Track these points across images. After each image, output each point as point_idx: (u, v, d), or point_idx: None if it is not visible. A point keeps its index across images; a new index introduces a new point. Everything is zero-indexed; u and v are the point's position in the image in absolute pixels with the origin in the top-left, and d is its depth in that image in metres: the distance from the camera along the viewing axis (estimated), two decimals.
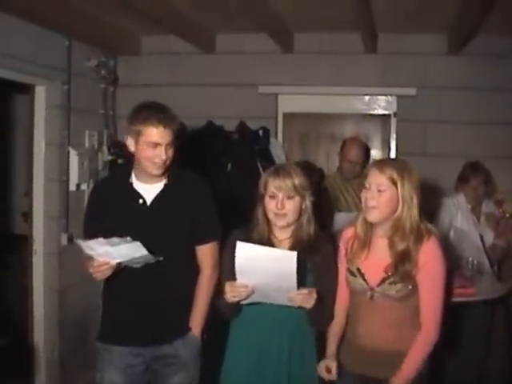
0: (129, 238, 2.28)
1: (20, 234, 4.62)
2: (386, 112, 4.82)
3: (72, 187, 4.18)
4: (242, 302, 2.35)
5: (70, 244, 4.05)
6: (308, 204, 2.44)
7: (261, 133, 4.57)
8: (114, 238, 2.27)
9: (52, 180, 4.07)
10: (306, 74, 4.75)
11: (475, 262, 3.82)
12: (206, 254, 2.60)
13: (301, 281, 2.24)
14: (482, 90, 4.55)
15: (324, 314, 2.43)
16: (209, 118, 4.52)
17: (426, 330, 2.29)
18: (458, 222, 4.09)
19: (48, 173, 4.05)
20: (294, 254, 2.17)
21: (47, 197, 4.06)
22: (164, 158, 2.42)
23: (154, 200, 2.51)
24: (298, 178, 2.41)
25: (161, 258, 2.37)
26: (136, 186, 2.53)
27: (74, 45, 4.15)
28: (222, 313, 2.47)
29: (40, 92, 4.01)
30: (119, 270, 2.38)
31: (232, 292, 2.28)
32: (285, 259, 2.19)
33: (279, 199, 2.39)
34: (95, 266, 2.33)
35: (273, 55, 4.76)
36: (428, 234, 2.33)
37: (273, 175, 2.42)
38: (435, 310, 2.30)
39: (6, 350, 4.17)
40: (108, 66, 4.57)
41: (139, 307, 2.50)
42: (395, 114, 4.78)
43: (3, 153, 5.21)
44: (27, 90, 4.02)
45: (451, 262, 3.82)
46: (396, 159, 3.28)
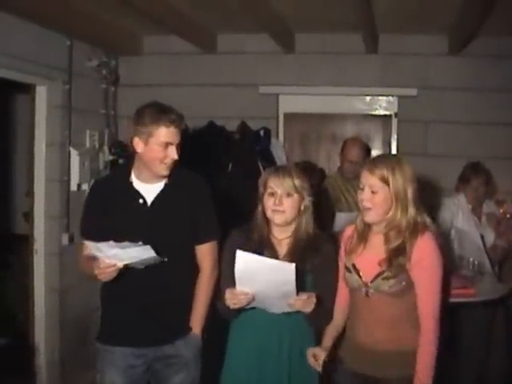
0: (140, 242, 2.28)
1: (21, 233, 4.61)
2: (386, 112, 4.82)
3: (73, 187, 4.19)
4: (243, 308, 2.35)
5: (71, 244, 4.07)
6: (307, 204, 2.45)
7: (262, 133, 4.57)
8: (126, 242, 2.25)
9: (53, 180, 4.07)
10: (307, 75, 4.75)
11: (476, 262, 3.83)
12: (205, 254, 2.60)
13: (300, 283, 2.25)
14: (483, 91, 4.55)
15: (323, 315, 2.44)
16: (210, 118, 4.52)
17: (426, 331, 2.27)
18: (458, 222, 4.09)
19: (49, 173, 4.05)
20: (293, 266, 2.17)
21: (48, 197, 4.06)
22: (176, 157, 2.44)
23: (155, 200, 2.51)
24: (297, 178, 2.43)
25: (165, 259, 2.37)
26: (136, 186, 2.52)
27: (75, 45, 4.15)
28: (222, 314, 2.48)
29: (41, 92, 4.01)
30: (123, 270, 2.36)
31: (233, 299, 2.29)
32: (284, 271, 2.19)
33: (278, 196, 2.40)
34: (101, 268, 2.30)
35: (274, 55, 4.76)
36: (423, 229, 2.31)
37: (273, 173, 2.45)
38: (433, 307, 2.29)
39: (7, 349, 4.18)
40: (109, 65, 4.57)
41: (140, 307, 2.50)
42: (396, 114, 4.78)
43: (4, 153, 5.21)
44: (28, 89, 4.03)
45: (452, 262, 3.86)
46: (388, 156, 3.24)
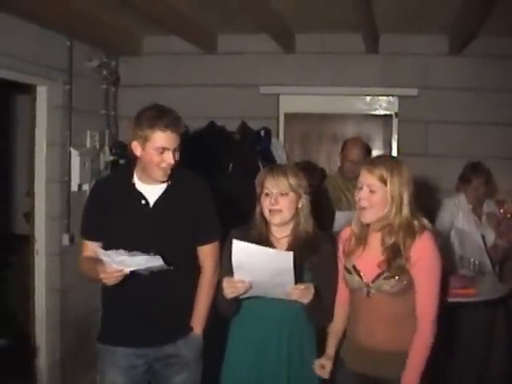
0: (152, 253, 2.26)
1: (22, 234, 4.62)
2: (387, 112, 4.82)
3: (74, 187, 4.19)
4: (241, 297, 2.35)
5: (72, 244, 4.07)
6: (304, 203, 2.46)
7: (262, 133, 4.58)
8: (135, 252, 2.24)
9: (53, 180, 4.07)
10: (308, 75, 4.75)
11: (477, 262, 3.83)
12: (207, 254, 2.60)
13: (298, 278, 2.25)
14: (484, 91, 4.55)
15: (322, 310, 2.44)
16: (210, 119, 4.53)
17: (422, 331, 2.28)
18: (459, 222, 4.09)
19: (49, 173, 4.05)
20: (291, 254, 2.17)
21: (49, 197, 4.06)
22: (172, 162, 2.41)
23: (157, 201, 2.50)
24: (292, 176, 2.43)
25: (171, 268, 2.34)
26: (139, 187, 2.51)
27: (76, 45, 4.16)
28: (221, 311, 2.48)
29: (41, 92, 4.02)
30: (127, 275, 2.34)
31: (230, 287, 2.30)
32: (281, 259, 2.19)
33: (273, 196, 2.42)
34: (108, 273, 2.29)
35: (274, 56, 4.76)
36: (421, 230, 2.32)
37: (268, 174, 2.46)
38: (431, 308, 2.29)
39: (8, 350, 4.17)
40: (109, 66, 4.57)
41: (141, 307, 2.49)
42: (396, 114, 4.78)
43: (5, 153, 5.21)
44: (29, 90, 4.03)
45: (452, 262, 3.86)
46: (387, 157, 3.25)
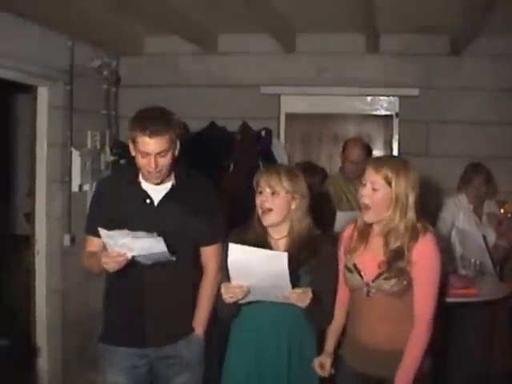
0: (155, 233, 2.26)
1: (22, 234, 4.62)
2: (388, 112, 4.82)
3: (74, 188, 4.18)
4: (240, 302, 2.35)
5: (73, 245, 4.07)
6: (298, 204, 2.44)
7: (263, 133, 4.58)
8: (140, 232, 2.25)
9: (54, 181, 4.07)
10: (309, 75, 4.75)
11: (478, 262, 3.82)
12: (210, 255, 2.60)
13: (295, 281, 2.24)
14: (485, 91, 4.55)
15: (321, 313, 2.43)
16: (211, 119, 4.53)
17: (418, 330, 2.28)
18: (460, 222, 4.08)
19: (50, 173, 4.05)
20: (285, 255, 2.16)
21: (49, 197, 4.06)
22: (152, 168, 2.38)
23: (161, 200, 2.50)
24: (286, 177, 2.42)
25: (174, 258, 2.34)
26: (144, 186, 2.51)
27: (77, 45, 4.15)
28: (221, 314, 2.48)
29: (42, 93, 4.02)
30: (129, 263, 2.33)
31: (228, 293, 2.29)
32: (276, 260, 2.18)
33: (264, 195, 2.42)
34: (111, 256, 2.28)
35: (275, 56, 4.77)
36: (424, 232, 2.31)
37: (262, 173, 2.46)
38: (428, 308, 2.29)
39: (9, 350, 4.17)
40: (110, 66, 4.56)
41: (143, 307, 2.49)
42: (397, 114, 4.78)
43: (5, 153, 5.21)
44: (30, 90, 4.03)
45: (453, 262, 3.86)
46: (395, 157, 3.24)
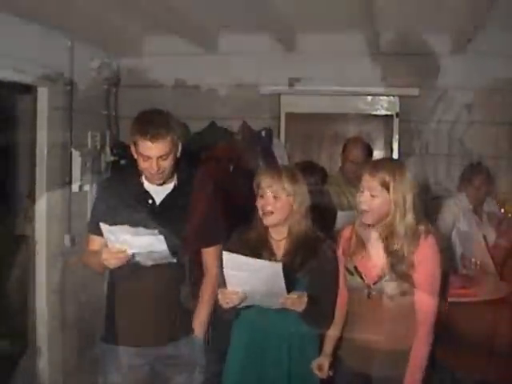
0: (156, 231, 2.26)
1: (22, 235, 4.61)
2: (388, 112, 4.81)
3: (75, 188, 4.19)
4: (237, 307, 2.36)
5: (73, 245, 4.06)
6: (299, 205, 2.44)
7: (263, 133, 4.58)
8: (141, 229, 2.25)
9: (54, 181, 4.07)
10: (309, 74, 4.74)
11: (478, 262, 3.82)
12: (211, 257, 2.61)
13: (293, 284, 2.25)
14: (485, 90, 4.54)
15: (320, 316, 2.44)
16: (211, 119, 4.52)
17: (422, 334, 2.29)
18: (460, 222, 4.08)
19: (50, 174, 4.05)
20: (280, 265, 2.17)
21: (50, 198, 4.05)
22: (154, 170, 2.40)
23: (164, 201, 2.51)
24: (287, 179, 2.42)
25: (174, 260, 2.36)
26: (146, 186, 2.53)
27: (77, 46, 4.15)
28: (221, 315, 2.49)
29: (42, 93, 4.01)
30: (130, 263, 2.34)
31: (225, 299, 2.31)
32: (271, 270, 2.19)
33: (266, 197, 2.41)
34: (111, 253, 2.29)
35: (275, 55, 4.76)
36: (425, 234, 2.32)
37: (263, 174, 2.46)
38: (430, 311, 2.30)
39: (8, 351, 4.17)
40: (110, 66, 4.57)
41: (144, 307, 2.50)
42: (397, 114, 4.78)
43: (5, 154, 5.20)
44: (29, 91, 4.02)
45: (454, 262, 3.85)
46: (390, 160, 3.23)
